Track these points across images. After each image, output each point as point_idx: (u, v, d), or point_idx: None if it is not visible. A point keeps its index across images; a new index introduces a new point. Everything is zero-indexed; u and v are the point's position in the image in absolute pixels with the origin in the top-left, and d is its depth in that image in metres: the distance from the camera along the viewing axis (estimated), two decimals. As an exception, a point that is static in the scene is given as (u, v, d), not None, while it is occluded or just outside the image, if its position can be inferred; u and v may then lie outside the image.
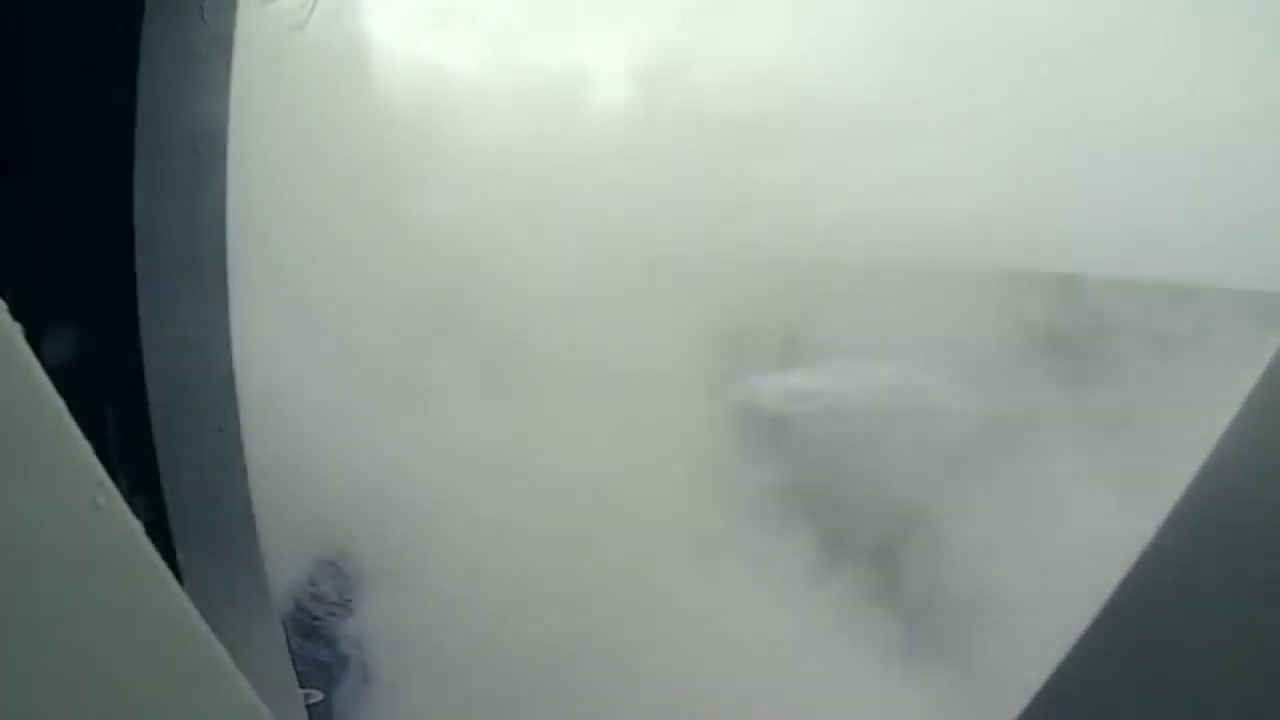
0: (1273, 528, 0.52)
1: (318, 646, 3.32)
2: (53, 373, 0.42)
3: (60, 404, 0.43)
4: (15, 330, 0.41)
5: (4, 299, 0.40)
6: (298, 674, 2.48)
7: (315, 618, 3.42)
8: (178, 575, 2.16)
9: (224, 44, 1.88)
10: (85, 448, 0.44)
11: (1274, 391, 0.58)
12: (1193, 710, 0.54)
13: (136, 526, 0.48)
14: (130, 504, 0.48)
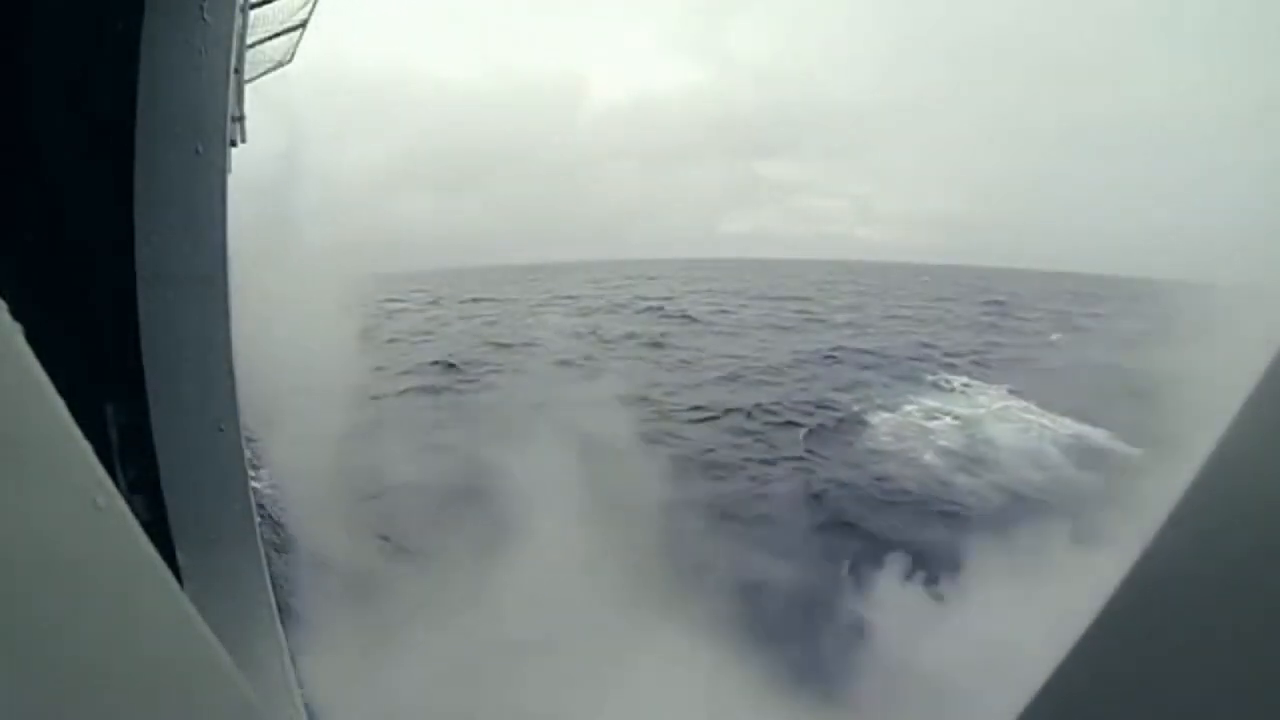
0: (1273, 528, 0.52)
1: None
2: (53, 373, 0.42)
3: (60, 404, 0.43)
4: (15, 330, 0.41)
5: (4, 299, 0.40)
6: None
7: None
8: (178, 575, 2.16)
9: (224, 44, 1.88)
10: (85, 448, 0.44)
11: (1274, 391, 0.58)
12: (1193, 711, 0.54)
13: (136, 526, 0.48)
14: (130, 504, 0.48)
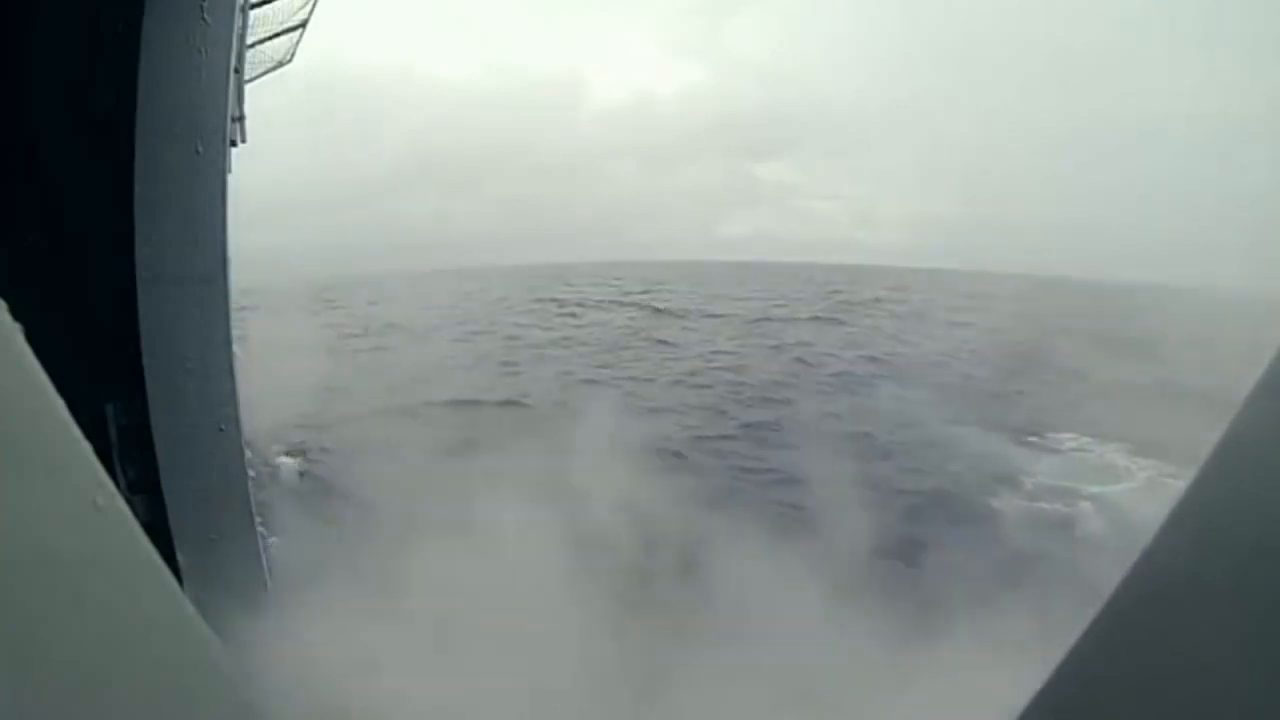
0: (1273, 528, 0.52)
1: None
2: (53, 373, 0.42)
3: (60, 404, 0.42)
4: (15, 330, 0.40)
5: (4, 299, 0.40)
6: None
7: None
8: (178, 575, 2.15)
9: (224, 44, 1.88)
10: (85, 448, 0.44)
11: (1274, 391, 0.57)
12: (1192, 710, 0.54)
13: (136, 526, 0.48)
14: (130, 504, 0.48)
